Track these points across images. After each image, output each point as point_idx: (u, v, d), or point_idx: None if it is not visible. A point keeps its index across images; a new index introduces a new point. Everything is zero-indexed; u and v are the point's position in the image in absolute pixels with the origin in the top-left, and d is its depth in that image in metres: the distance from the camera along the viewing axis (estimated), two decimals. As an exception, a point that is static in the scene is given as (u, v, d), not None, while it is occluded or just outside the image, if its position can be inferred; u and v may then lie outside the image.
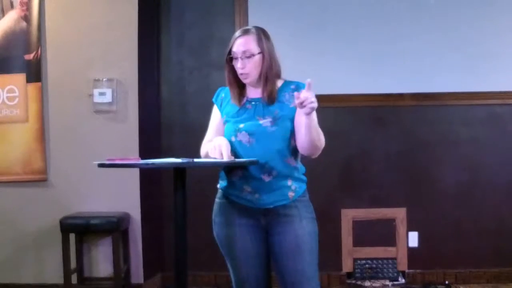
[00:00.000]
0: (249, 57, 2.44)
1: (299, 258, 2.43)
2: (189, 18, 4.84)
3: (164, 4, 4.84)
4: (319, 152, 2.46)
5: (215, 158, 2.36)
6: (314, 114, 2.34)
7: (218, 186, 2.58)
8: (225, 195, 2.53)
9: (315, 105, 2.26)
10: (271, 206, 2.45)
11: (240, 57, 2.45)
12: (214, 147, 2.38)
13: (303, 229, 2.45)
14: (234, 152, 2.44)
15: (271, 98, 2.46)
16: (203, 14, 4.83)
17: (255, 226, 2.49)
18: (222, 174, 2.55)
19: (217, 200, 2.58)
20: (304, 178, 2.53)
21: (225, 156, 2.32)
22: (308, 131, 2.36)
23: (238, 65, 2.47)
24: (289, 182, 2.46)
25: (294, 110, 2.45)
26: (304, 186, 2.52)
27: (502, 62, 4.65)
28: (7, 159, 4.47)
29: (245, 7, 4.74)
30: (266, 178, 2.43)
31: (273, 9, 4.73)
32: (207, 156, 2.49)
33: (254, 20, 4.59)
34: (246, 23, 4.60)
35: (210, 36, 4.79)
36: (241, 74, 2.47)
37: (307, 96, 2.24)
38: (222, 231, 2.53)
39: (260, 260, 2.52)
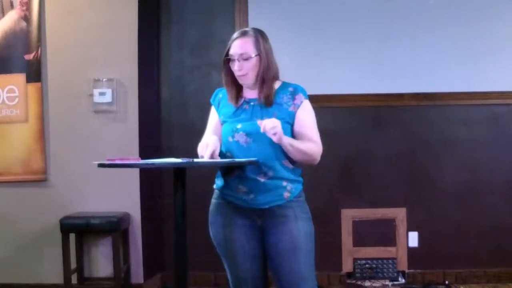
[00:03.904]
0: (246, 59, 2.44)
1: (294, 258, 2.43)
2: (189, 18, 4.84)
3: (164, 4, 4.84)
4: (316, 161, 2.47)
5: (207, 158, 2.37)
6: (286, 140, 2.35)
7: (214, 186, 2.59)
8: (221, 195, 2.53)
9: (277, 129, 2.27)
10: (267, 207, 2.45)
11: (237, 59, 2.45)
12: (202, 145, 2.42)
13: (298, 230, 2.45)
14: (230, 153, 2.45)
15: (268, 100, 2.46)
16: (203, 14, 4.82)
17: (251, 226, 2.49)
18: (219, 174, 2.55)
19: (213, 200, 2.58)
20: (300, 179, 2.53)
21: (206, 155, 2.34)
22: (291, 155, 2.40)
23: (235, 67, 2.47)
24: (284, 183, 2.46)
25: (292, 113, 2.46)
26: (300, 186, 2.52)
27: (501, 62, 4.65)
28: (7, 159, 4.47)
29: (245, 7, 4.74)
30: (262, 179, 2.42)
31: (273, 9, 4.73)
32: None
33: (254, 20, 4.60)
34: (246, 23, 4.60)
35: (210, 36, 4.79)
36: (238, 76, 2.48)
37: (266, 123, 2.28)
38: (219, 232, 2.53)
39: (257, 260, 2.52)
